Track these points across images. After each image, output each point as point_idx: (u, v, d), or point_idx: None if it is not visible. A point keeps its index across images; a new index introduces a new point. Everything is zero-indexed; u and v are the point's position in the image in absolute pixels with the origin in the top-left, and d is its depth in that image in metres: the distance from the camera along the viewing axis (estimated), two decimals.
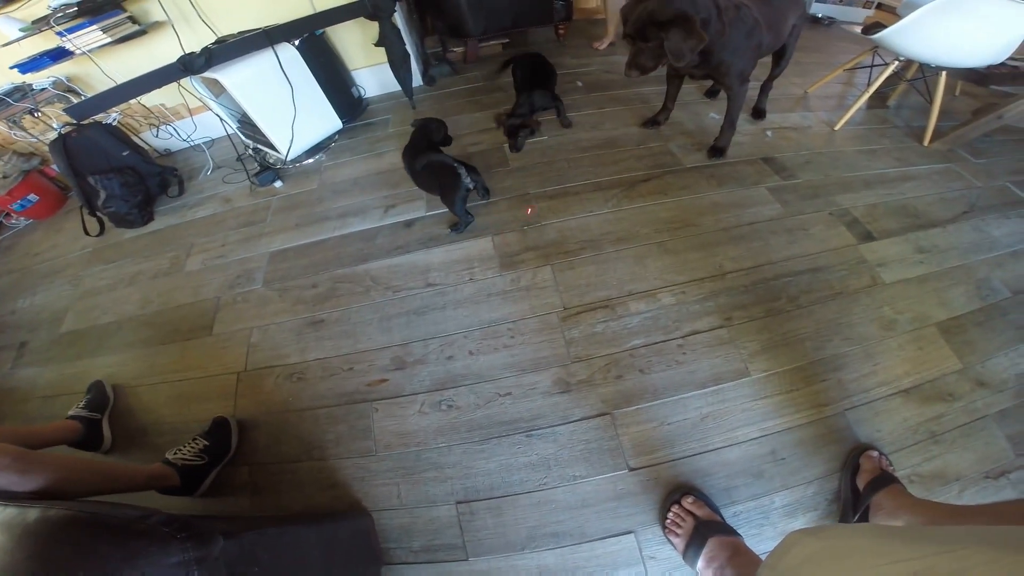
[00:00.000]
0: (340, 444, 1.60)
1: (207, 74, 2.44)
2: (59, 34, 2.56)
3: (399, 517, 1.45)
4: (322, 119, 2.90)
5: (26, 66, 2.65)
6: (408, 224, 2.31)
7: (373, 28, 2.90)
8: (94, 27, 2.58)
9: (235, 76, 2.47)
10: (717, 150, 2.50)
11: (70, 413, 1.69)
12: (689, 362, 1.66)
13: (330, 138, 3.00)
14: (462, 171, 2.03)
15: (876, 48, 2.68)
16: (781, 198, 2.24)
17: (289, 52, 2.66)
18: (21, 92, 2.78)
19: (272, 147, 2.76)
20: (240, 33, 2.62)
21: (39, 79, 2.83)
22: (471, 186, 2.07)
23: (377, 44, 2.97)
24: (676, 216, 2.18)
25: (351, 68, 3.27)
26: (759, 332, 1.73)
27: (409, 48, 3.11)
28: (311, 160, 2.89)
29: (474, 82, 3.49)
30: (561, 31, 3.75)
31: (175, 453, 1.50)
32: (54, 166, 3.13)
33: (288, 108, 2.68)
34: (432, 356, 1.77)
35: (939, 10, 2.13)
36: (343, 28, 3.08)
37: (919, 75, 2.75)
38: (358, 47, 3.19)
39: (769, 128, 2.71)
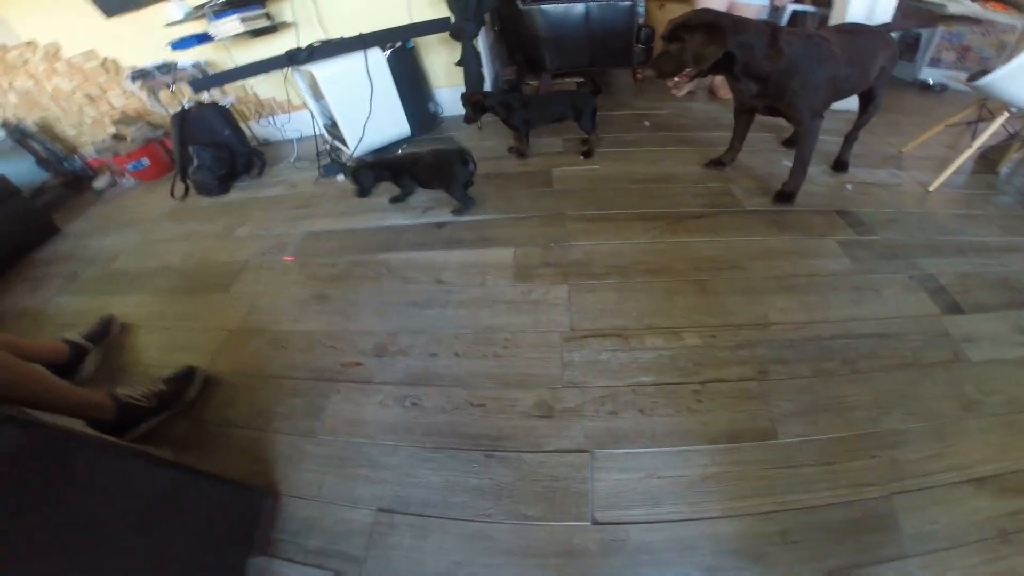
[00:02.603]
0: (287, 419, 1.35)
1: (305, 67, 2.46)
2: (209, 19, 2.70)
3: (309, 509, 1.16)
4: (393, 124, 2.80)
5: (178, 44, 2.84)
6: (439, 225, 2.09)
7: (460, 51, 2.80)
8: (235, 16, 2.67)
9: (326, 70, 2.48)
10: (785, 195, 2.09)
11: (65, 336, 1.57)
12: (703, 411, 1.27)
13: (397, 144, 2.89)
14: (469, 158, 2.04)
15: (985, 102, 2.18)
16: (852, 253, 1.79)
17: (377, 57, 2.62)
18: (167, 68, 2.92)
19: (344, 143, 2.68)
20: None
21: (183, 59, 2.97)
22: (472, 169, 2.09)
23: (457, 64, 2.86)
24: (722, 256, 1.79)
25: (433, 86, 3.17)
26: (799, 392, 1.30)
27: (485, 72, 2.97)
28: None
29: None
30: (638, 76, 3.48)
31: (126, 388, 1.32)
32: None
33: (365, 107, 2.61)
34: (416, 350, 1.49)
35: None
36: (432, 47, 3.02)
37: None
38: (443, 67, 3.09)
39: (850, 182, 2.25)
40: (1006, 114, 2.00)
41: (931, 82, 3.46)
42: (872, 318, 1.52)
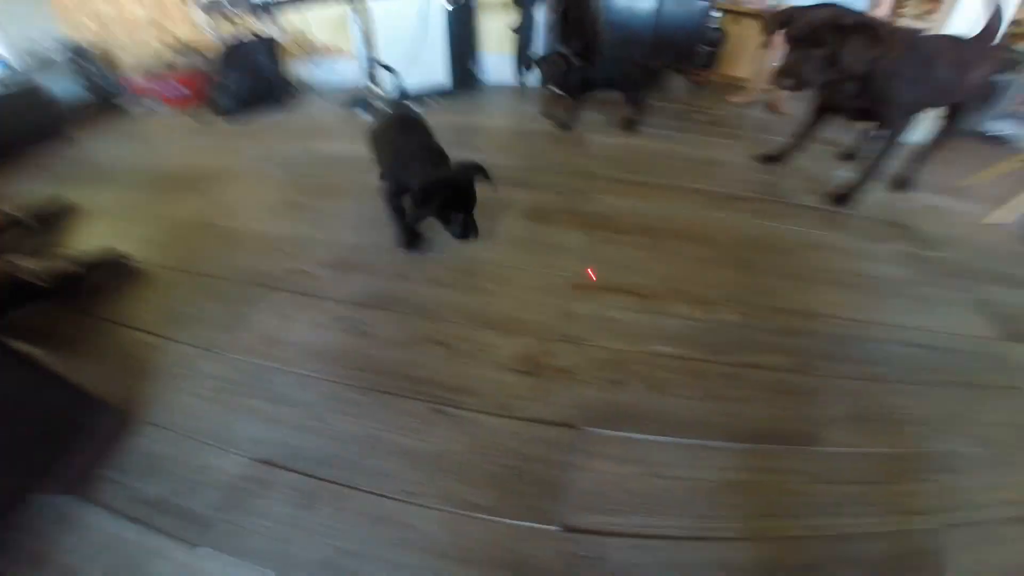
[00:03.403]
0: (193, 326, 0.98)
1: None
2: None
3: (166, 444, 0.76)
4: (432, 71, 2.45)
5: None
6: None
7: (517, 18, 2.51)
8: None
9: (384, 5, 2.23)
10: (841, 198, 1.67)
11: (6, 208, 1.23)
12: (733, 399, 0.87)
13: (431, 95, 2.52)
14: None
15: None
16: (910, 264, 1.39)
17: (439, 2, 2.31)
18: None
19: (377, 79, 2.36)
20: None
21: None
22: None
23: (514, 30, 2.53)
24: (768, 238, 1.39)
25: (482, 49, 2.80)
26: (848, 395, 0.92)
27: (538, 46, 2.63)
28: None
29: None
30: (698, 77, 3.08)
31: (31, 262, 0.97)
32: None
33: (410, 48, 2.30)
34: (383, 269, 1.12)
35: None
36: (490, 9, 2.67)
37: None
38: (497, 33, 2.73)
39: (910, 200, 1.81)
40: None
41: (997, 134, 2.95)
42: (926, 329, 1.14)
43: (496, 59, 2.80)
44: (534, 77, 2.83)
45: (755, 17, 3.08)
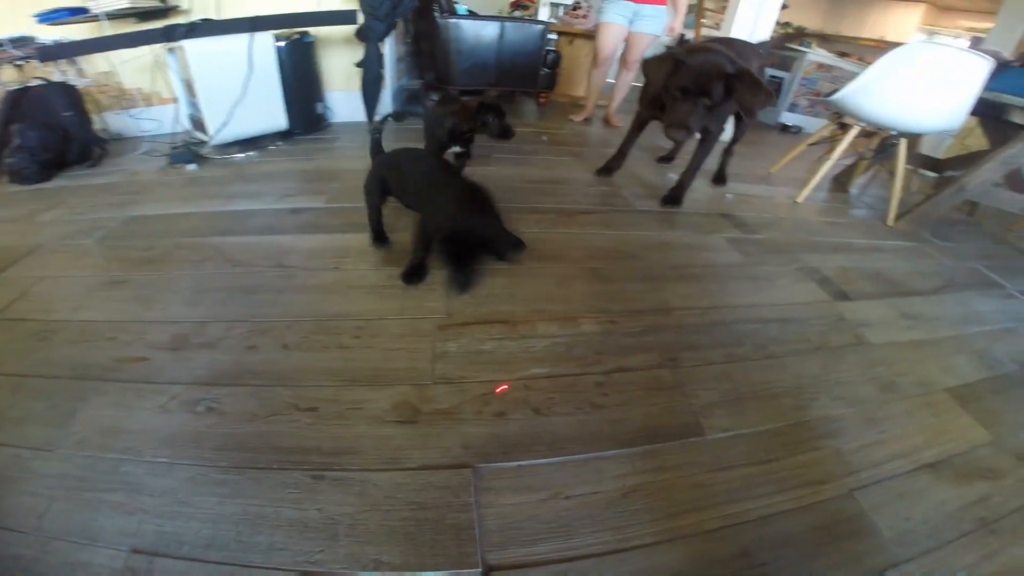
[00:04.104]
0: (19, 427, 0.81)
1: (178, 43, 1.95)
2: None
3: (25, 546, 0.64)
4: (267, 115, 2.27)
5: (46, 16, 2.14)
6: (296, 211, 1.62)
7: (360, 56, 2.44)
8: None
9: (200, 46, 1.98)
10: (672, 199, 1.90)
11: None
12: (611, 406, 0.92)
13: (270, 138, 2.36)
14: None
15: (841, 120, 2.18)
16: (741, 248, 1.62)
17: (264, 42, 2.14)
18: (23, 42, 2.17)
19: (203, 128, 2.13)
20: None
21: (47, 35, 2.21)
22: None
23: (358, 65, 2.46)
24: (617, 247, 1.53)
25: (327, 88, 2.70)
26: (717, 380, 1.01)
27: (388, 80, 2.62)
28: (241, 155, 2.21)
29: None
30: (542, 99, 3.31)
31: None
32: None
33: (237, 91, 2.09)
34: (228, 342, 1.00)
35: (894, 65, 1.75)
36: (332, 48, 2.60)
37: (880, 153, 2.27)
38: (341, 70, 2.65)
39: (729, 192, 2.13)
40: (857, 127, 2.00)
41: (790, 124, 3.63)
42: (771, 304, 1.33)
43: (343, 96, 2.73)
44: (389, 110, 2.81)
45: (585, 37, 3.41)
